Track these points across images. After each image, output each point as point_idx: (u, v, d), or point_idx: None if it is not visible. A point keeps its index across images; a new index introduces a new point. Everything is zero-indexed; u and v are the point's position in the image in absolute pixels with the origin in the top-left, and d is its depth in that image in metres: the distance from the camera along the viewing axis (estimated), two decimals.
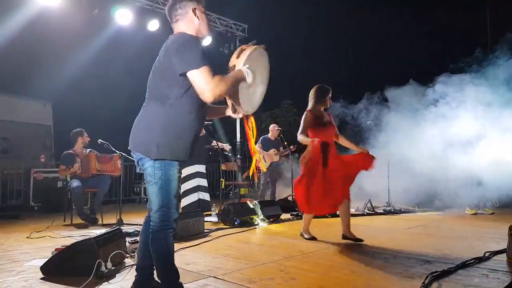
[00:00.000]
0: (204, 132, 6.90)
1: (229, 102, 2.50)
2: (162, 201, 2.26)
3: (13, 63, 9.94)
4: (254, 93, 2.56)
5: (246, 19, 12.32)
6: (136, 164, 2.41)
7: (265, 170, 8.23)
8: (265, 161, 8.32)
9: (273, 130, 8.52)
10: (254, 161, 3.04)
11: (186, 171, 6.92)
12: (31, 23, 8.25)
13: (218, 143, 7.18)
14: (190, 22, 2.41)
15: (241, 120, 2.74)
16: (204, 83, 2.14)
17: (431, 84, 7.44)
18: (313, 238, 4.60)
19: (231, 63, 2.42)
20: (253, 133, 2.69)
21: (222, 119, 7.64)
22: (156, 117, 2.28)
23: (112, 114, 11.62)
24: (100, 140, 6.02)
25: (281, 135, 8.50)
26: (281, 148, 8.42)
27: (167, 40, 2.36)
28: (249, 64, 2.38)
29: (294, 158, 8.55)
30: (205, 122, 3.02)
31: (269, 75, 2.66)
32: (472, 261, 3.34)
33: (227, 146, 7.49)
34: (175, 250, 3.64)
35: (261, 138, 8.55)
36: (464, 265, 3.24)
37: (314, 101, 4.67)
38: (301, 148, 8.20)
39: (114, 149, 6.01)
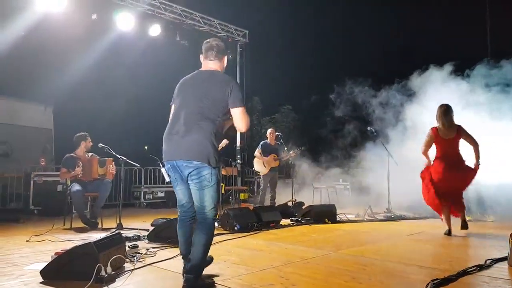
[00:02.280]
0: None
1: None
2: (215, 200, 2.87)
3: (14, 66, 9.96)
4: None
5: (247, 24, 12.39)
6: (179, 171, 2.86)
7: (265, 172, 8.24)
8: (265, 166, 8.30)
9: (272, 134, 8.51)
10: None
11: None
12: (34, 28, 8.30)
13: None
14: (222, 65, 3.12)
15: None
16: (245, 118, 2.92)
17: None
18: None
19: None
20: None
21: None
22: (210, 133, 2.82)
23: (112, 118, 11.64)
24: (101, 144, 6.02)
25: (281, 140, 8.50)
26: (282, 153, 8.40)
27: (217, 75, 3.00)
28: None
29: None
30: None
31: None
32: (473, 268, 3.33)
33: (224, 142, 7.49)
34: (175, 255, 3.64)
35: (261, 143, 8.54)
36: (465, 272, 3.22)
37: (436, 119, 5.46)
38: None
39: (114, 153, 6.00)
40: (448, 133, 5.33)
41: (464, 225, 5.37)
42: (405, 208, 8.17)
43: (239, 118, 2.89)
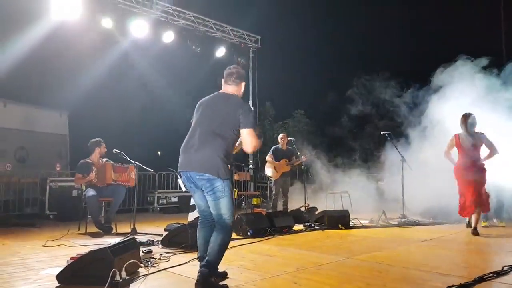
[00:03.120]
0: None
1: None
2: (231, 208, 3.08)
3: (31, 74, 10.18)
4: None
5: (259, 30, 12.45)
6: (193, 181, 3.12)
7: (277, 177, 8.23)
8: (276, 171, 8.28)
9: (283, 139, 8.49)
10: None
11: None
12: (49, 36, 8.45)
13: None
14: (238, 91, 3.36)
15: None
16: (253, 140, 3.13)
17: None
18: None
19: None
20: None
21: None
22: (221, 149, 3.07)
23: (126, 124, 11.79)
24: (116, 150, 6.08)
25: (294, 145, 8.48)
26: (294, 158, 8.37)
27: (228, 97, 3.26)
28: None
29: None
30: None
31: None
32: (490, 275, 3.26)
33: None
34: (189, 260, 3.65)
35: (272, 148, 8.53)
36: (482, 279, 3.16)
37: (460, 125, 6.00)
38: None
39: (129, 159, 6.05)
40: (468, 141, 5.88)
41: (475, 233, 5.72)
42: (420, 214, 8.07)
43: (246, 139, 3.12)
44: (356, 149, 11.04)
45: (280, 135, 8.67)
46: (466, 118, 5.92)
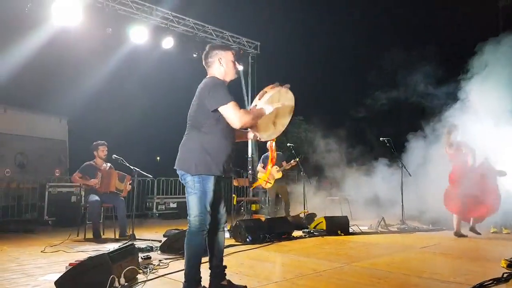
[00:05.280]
0: None
1: (250, 129, 3.14)
2: (198, 208, 2.82)
3: (31, 80, 10.18)
4: (275, 123, 3.19)
5: (258, 36, 12.50)
6: (180, 180, 2.97)
7: (269, 186, 8.21)
8: (267, 180, 8.22)
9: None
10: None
11: None
12: (50, 42, 8.49)
13: None
14: (217, 69, 3.03)
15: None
16: (233, 114, 2.79)
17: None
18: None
19: (253, 103, 3.05)
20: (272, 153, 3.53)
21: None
22: (195, 141, 2.89)
23: (125, 130, 11.79)
24: (115, 156, 6.08)
25: (293, 151, 8.45)
26: (284, 163, 8.31)
27: (201, 83, 2.98)
28: (270, 103, 2.97)
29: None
30: None
31: (293, 106, 3.24)
32: (489, 282, 3.25)
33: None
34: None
35: (262, 157, 8.52)
36: (482, 286, 3.16)
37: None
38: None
39: (128, 164, 6.05)
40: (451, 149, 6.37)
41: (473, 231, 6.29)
42: (419, 220, 8.05)
43: (226, 115, 2.82)
44: (354, 155, 11.03)
45: (268, 143, 8.59)
46: (448, 130, 6.43)
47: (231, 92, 2.92)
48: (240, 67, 11.16)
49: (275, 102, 3.00)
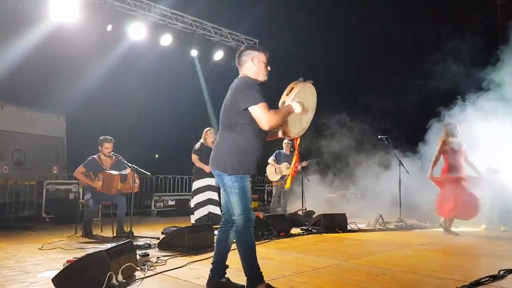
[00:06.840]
0: None
1: (280, 127, 3.10)
2: (242, 207, 2.90)
3: (28, 76, 10.15)
4: (301, 120, 3.18)
5: (257, 34, 12.48)
6: (215, 178, 3.06)
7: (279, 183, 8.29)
8: (277, 174, 8.33)
9: (287, 144, 8.53)
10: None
11: (197, 184, 6.95)
12: (47, 39, 8.46)
13: None
14: (250, 68, 3.06)
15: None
16: (261, 115, 2.81)
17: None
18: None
19: (281, 99, 3.05)
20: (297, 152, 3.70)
21: None
22: (229, 141, 2.94)
23: (124, 127, 11.75)
24: (113, 153, 6.06)
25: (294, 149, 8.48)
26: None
27: (233, 82, 3.02)
28: (297, 99, 2.98)
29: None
30: None
31: (315, 102, 3.27)
32: (486, 279, 3.27)
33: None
34: (186, 264, 3.65)
35: (275, 152, 8.59)
36: (478, 283, 3.18)
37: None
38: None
39: (126, 162, 6.03)
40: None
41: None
42: (417, 217, 8.07)
43: (256, 116, 2.84)
44: (355, 153, 11.04)
45: (285, 141, 8.66)
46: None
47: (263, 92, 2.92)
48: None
49: (301, 98, 3.01)
